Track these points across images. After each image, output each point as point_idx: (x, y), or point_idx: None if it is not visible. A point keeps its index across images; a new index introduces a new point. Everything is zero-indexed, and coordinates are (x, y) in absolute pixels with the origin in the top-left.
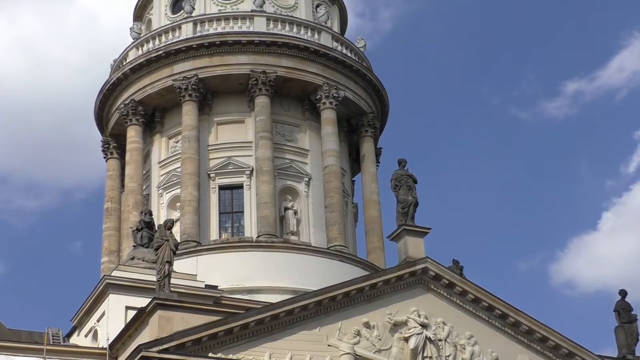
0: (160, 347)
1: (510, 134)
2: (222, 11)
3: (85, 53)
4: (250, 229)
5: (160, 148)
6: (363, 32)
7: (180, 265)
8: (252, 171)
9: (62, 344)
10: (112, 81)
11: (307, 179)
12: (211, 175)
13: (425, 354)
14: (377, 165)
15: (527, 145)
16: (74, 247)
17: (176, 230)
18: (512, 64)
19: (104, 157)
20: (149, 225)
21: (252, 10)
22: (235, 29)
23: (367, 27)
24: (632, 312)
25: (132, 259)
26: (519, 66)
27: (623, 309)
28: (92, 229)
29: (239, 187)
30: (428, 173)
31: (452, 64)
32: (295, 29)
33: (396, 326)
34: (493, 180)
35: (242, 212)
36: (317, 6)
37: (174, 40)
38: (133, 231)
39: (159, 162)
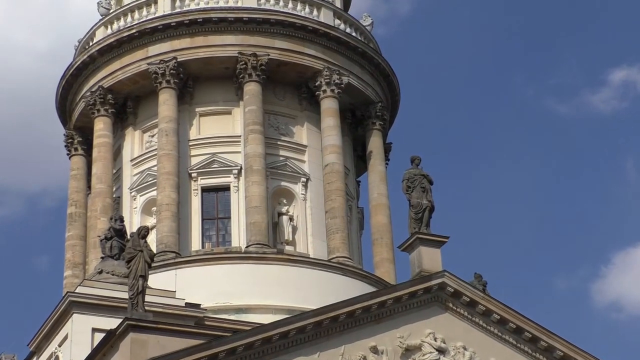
0: None
1: (547, 130)
2: None
3: (52, 36)
4: (238, 238)
5: (133, 143)
6: (377, 16)
7: (157, 280)
8: (240, 170)
9: None
10: (76, 65)
11: (304, 180)
12: (193, 175)
13: None
14: (387, 164)
15: (567, 143)
16: (38, 263)
17: (152, 240)
18: (549, 48)
19: (67, 154)
20: (120, 233)
21: None
22: (221, 4)
23: (380, 9)
24: None
25: (100, 272)
26: (558, 51)
27: None
28: (60, 241)
29: (225, 188)
30: (446, 173)
31: (480, 50)
32: (290, 5)
33: (409, 351)
34: (524, 183)
35: (229, 218)
36: None
37: (149, 17)
38: (101, 240)
39: (132, 160)
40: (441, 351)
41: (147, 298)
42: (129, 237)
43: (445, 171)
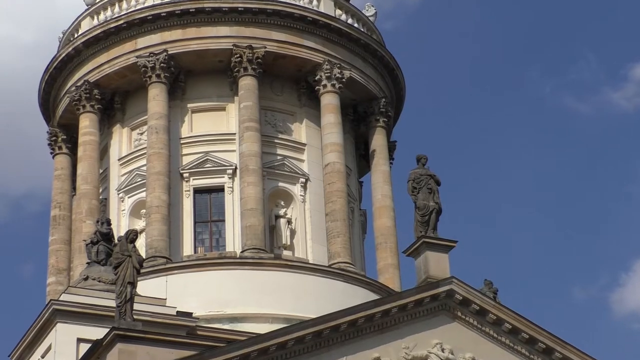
0: None
1: (564, 129)
2: None
3: (38, 29)
4: (233, 242)
5: (121, 141)
6: (383, 9)
7: (146, 287)
8: (235, 170)
9: None
10: (60, 58)
11: (303, 180)
12: (184, 175)
13: None
14: (391, 163)
15: (585, 143)
16: (23, 269)
17: (141, 244)
18: (567, 42)
19: (51, 153)
20: (107, 237)
21: None
22: None
23: (387, 2)
24: None
25: (86, 279)
26: (576, 45)
27: None
28: (44, 245)
29: (219, 190)
30: (454, 173)
31: (492, 43)
32: None
33: None
34: (539, 185)
35: (223, 220)
36: None
37: (138, 7)
38: (87, 245)
39: (120, 159)
40: None
41: (136, 306)
42: (116, 241)
43: (453, 171)
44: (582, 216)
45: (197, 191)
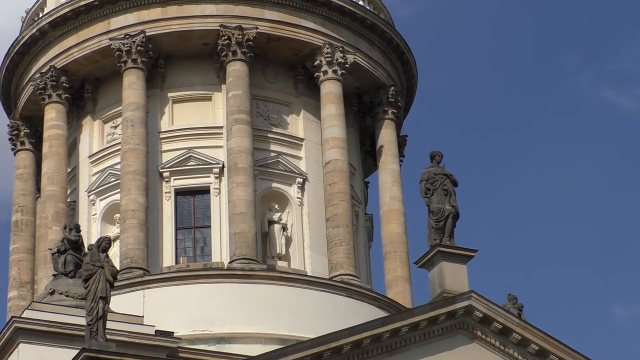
0: None
1: (603, 125)
2: None
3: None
4: (220, 252)
5: (92, 136)
6: None
7: (121, 302)
8: (222, 169)
9: None
10: (23, 41)
11: (300, 180)
12: (164, 174)
13: None
14: (401, 161)
15: (627, 141)
16: None
17: (114, 253)
18: (608, 29)
19: (12, 149)
20: (76, 245)
21: None
22: None
23: None
24: None
25: (52, 293)
26: (618, 34)
27: None
28: (4, 255)
29: (204, 191)
30: (474, 172)
31: (523, 29)
32: None
33: None
34: (573, 188)
35: (209, 227)
36: None
37: None
38: (53, 254)
39: (90, 156)
40: None
41: (109, 324)
42: (86, 250)
43: (472, 170)
44: (623, 223)
45: (179, 193)
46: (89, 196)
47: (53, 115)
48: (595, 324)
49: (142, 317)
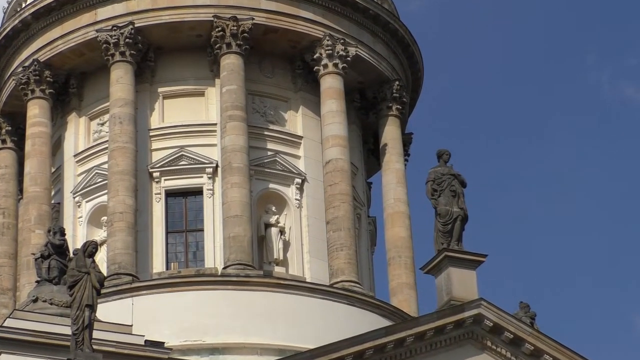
0: None
1: (624, 124)
2: None
3: None
4: (214, 257)
5: (78, 134)
6: None
7: (109, 310)
8: (215, 169)
9: None
10: (5, 33)
11: (299, 181)
12: (154, 174)
13: None
14: (406, 160)
15: None
16: None
17: (101, 258)
18: (628, 21)
19: None
20: (60, 250)
21: None
22: None
23: None
24: None
25: (35, 301)
26: (637, 26)
27: None
28: None
29: (197, 192)
30: (483, 173)
31: (536, 24)
32: None
33: None
34: (591, 189)
35: (202, 230)
36: None
37: None
38: (36, 259)
39: (76, 155)
40: None
41: (96, 334)
42: (71, 255)
43: (482, 171)
44: None
45: (170, 194)
46: (74, 198)
47: (36, 112)
48: (614, 335)
49: (131, 326)
